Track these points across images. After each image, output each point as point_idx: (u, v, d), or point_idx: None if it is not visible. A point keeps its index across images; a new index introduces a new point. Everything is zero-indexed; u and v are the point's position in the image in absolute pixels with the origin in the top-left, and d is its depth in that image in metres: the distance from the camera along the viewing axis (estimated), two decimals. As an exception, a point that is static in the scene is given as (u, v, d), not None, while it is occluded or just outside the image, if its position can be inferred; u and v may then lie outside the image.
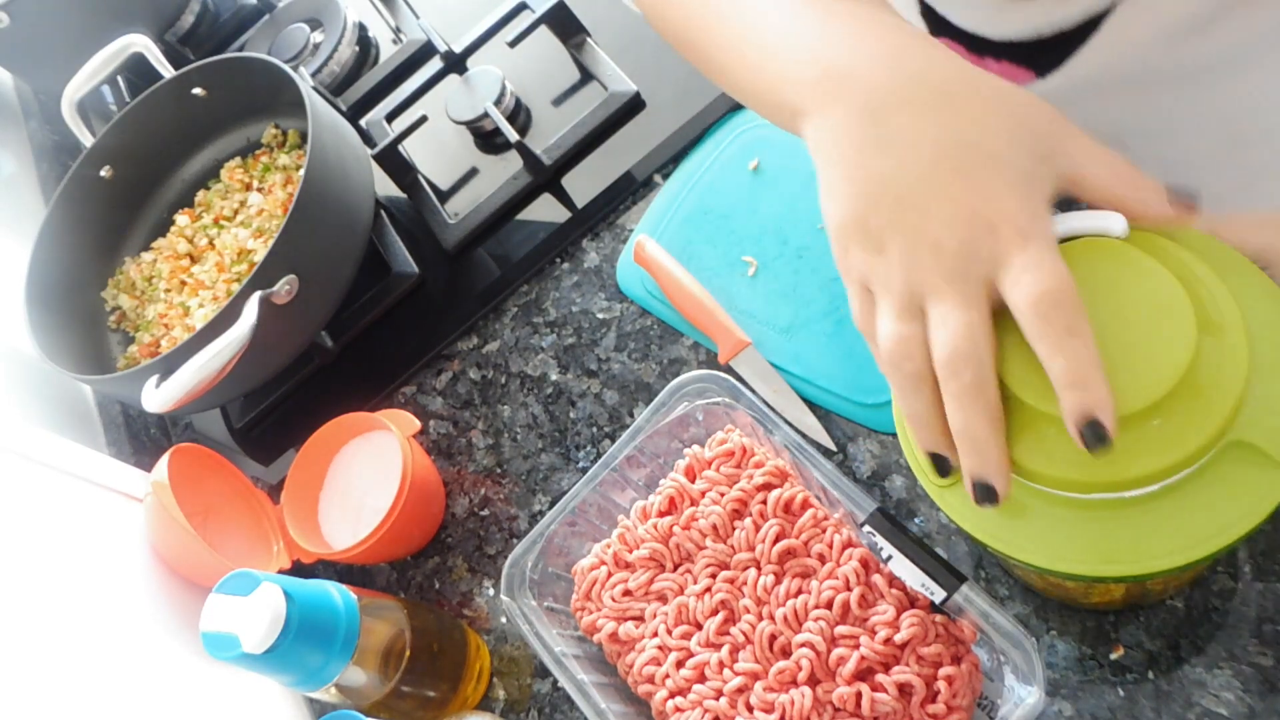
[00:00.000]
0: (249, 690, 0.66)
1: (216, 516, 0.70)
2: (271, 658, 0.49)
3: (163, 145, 0.87)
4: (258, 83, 0.82)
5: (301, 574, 0.57)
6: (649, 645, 0.56)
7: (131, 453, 0.85)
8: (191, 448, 0.71)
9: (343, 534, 0.68)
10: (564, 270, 0.77)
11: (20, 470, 0.67)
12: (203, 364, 0.64)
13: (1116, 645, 0.51)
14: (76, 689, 0.57)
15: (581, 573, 0.59)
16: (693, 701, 0.53)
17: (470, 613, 0.68)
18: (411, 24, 0.95)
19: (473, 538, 0.70)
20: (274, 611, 0.49)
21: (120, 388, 0.71)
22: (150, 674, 0.62)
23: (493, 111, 0.83)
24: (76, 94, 0.86)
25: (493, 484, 0.71)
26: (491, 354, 0.77)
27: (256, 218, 0.82)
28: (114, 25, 0.94)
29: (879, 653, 0.50)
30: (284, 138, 0.87)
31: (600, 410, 0.70)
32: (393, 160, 0.85)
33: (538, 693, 0.63)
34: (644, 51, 0.83)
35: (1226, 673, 0.49)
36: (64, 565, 0.64)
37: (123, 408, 0.88)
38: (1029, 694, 0.46)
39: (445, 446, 0.75)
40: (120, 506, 0.72)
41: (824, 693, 0.51)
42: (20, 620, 0.58)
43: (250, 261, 0.79)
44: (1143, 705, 0.50)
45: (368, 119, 0.91)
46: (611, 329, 0.73)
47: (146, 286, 0.84)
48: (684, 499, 0.58)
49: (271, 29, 1.01)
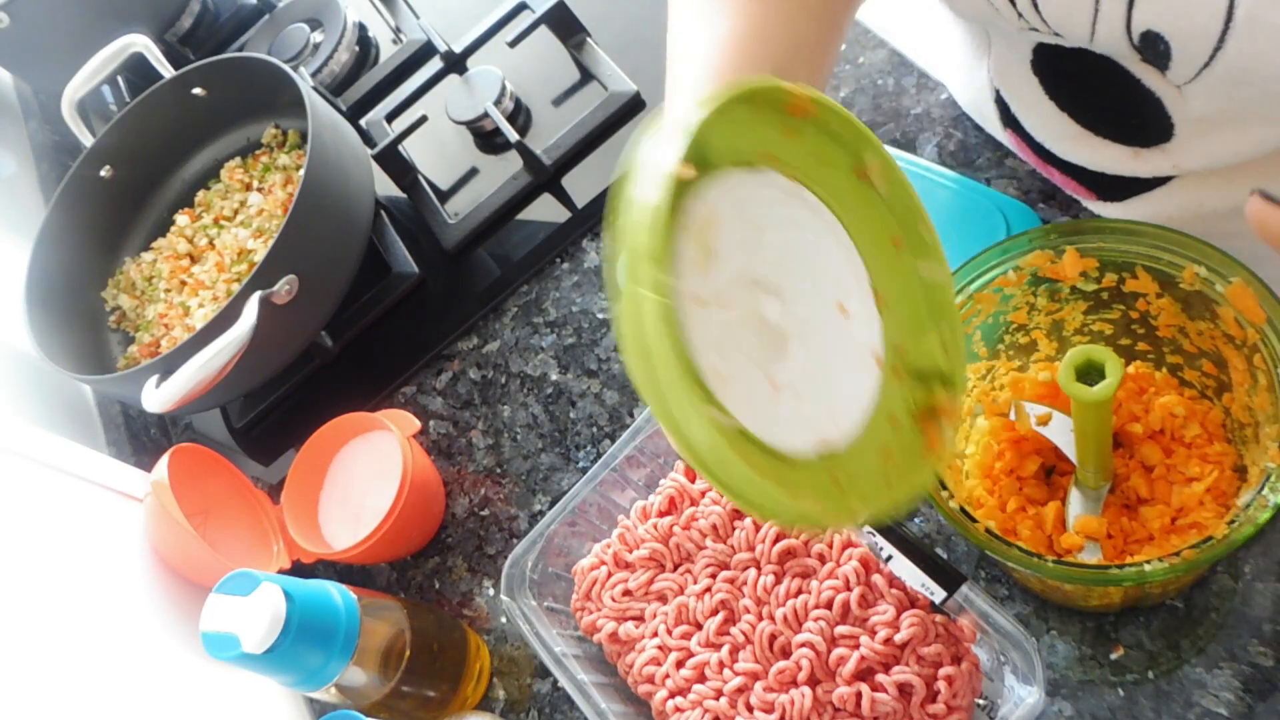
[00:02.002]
0: (249, 690, 0.66)
1: (216, 516, 0.70)
2: (271, 658, 0.49)
3: (163, 145, 0.87)
4: (258, 83, 0.82)
5: (301, 574, 0.57)
6: (649, 645, 0.56)
7: (131, 453, 0.85)
8: (191, 448, 0.71)
9: (343, 534, 0.68)
10: (564, 270, 0.77)
11: (20, 470, 0.67)
12: (203, 364, 0.64)
13: (1116, 645, 0.51)
14: (77, 689, 0.57)
15: (581, 573, 0.59)
16: (693, 701, 0.53)
17: (470, 613, 0.68)
18: (411, 24, 0.95)
19: (473, 538, 0.70)
20: (274, 611, 0.49)
21: (120, 388, 0.71)
22: (150, 674, 0.62)
23: (493, 111, 0.83)
24: (76, 94, 0.86)
25: (493, 484, 0.71)
26: (491, 354, 0.77)
27: (256, 218, 0.82)
28: (114, 25, 0.94)
29: (879, 653, 0.50)
30: (284, 138, 0.87)
31: (600, 410, 0.70)
32: (393, 160, 0.85)
33: (538, 693, 0.63)
34: (644, 51, 0.83)
35: (1226, 673, 0.49)
36: (64, 565, 0.64)
37: (123, 408, 0.88)
38: (1029, 694, 0.46)
39: (445, 446, 0.75)
40: (120, 506, 0.72)
41: (824, 693, 0.51)
42: (20, 620, 0.58)
43: (250, 261, 0.79)
44: (1143, 705, 0.50)
45: (368, 119, 0.91)
46: (611, 329, 0.73)
47: (146, 286, 0.84)
48: (684, 499, 0.58)
49: (271, 29, 1.01)
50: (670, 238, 0.30)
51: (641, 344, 0.29)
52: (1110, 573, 0.41)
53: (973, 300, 0.48)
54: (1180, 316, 0.47)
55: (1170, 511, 0.47)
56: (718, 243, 0.32)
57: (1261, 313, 0.41)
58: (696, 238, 0.31)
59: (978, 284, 0.48)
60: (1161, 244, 0.44)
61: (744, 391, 0.32)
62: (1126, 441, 0.50)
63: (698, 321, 0.31)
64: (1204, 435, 0.48)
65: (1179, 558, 0.39)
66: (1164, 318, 0.47)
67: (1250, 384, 0.44)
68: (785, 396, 0.33)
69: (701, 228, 0.32)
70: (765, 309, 0.33)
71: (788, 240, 0.35)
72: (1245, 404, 0.45)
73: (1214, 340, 0.46)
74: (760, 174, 0.34)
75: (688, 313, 0.30)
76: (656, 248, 0.29)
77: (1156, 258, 0.45)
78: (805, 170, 0.35)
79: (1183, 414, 0.48)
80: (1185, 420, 0.49)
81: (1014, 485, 0.51)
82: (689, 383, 0.29)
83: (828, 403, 0.34)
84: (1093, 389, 0.41)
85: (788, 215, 0.35)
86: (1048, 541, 0.49)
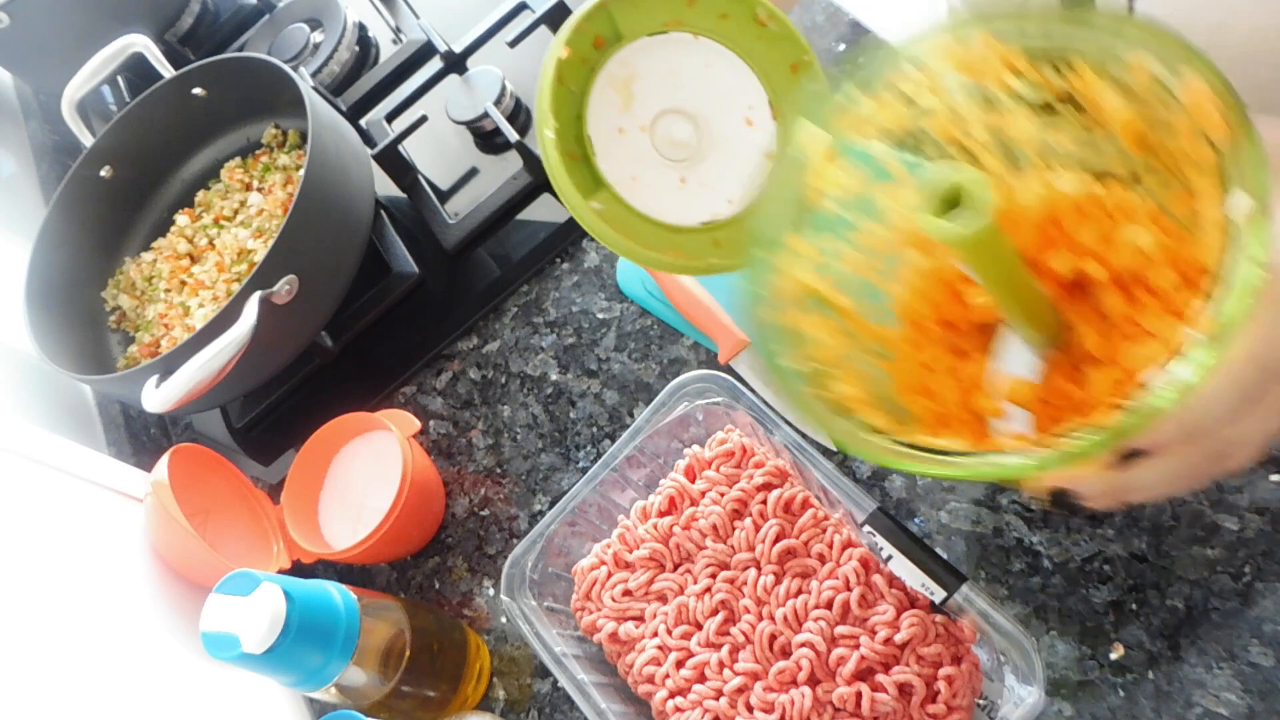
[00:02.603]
0: (249, 690, 0.66)
1: (216, 516, 0.70)
2: (271, 658, 0.49)
3: (163, 145, 0.87)
4: (258, 83, 0.82)
5: (301, 574, 0.57)
6: (649, 645, 0.56)
7: (131, 453, 0.85)
8: (191, 448, 0.71)
9: (343, 534, 0.68)
10: (564, 270, 0.77)
11: (20, 470, 0.67)
12: (203, 364, 0.64)
13: (1116, 645, 0.51)
14: (77, 689, 0.57)
15: (581, 573, 0.59)
16: (693, 701, 0.53)
17: (470, 613, 0.68)
18: (411, 24, 0.95)
19: (473, 538, 0.70)
20: (274, 611, 0.49)
21: (120, 388, 0.71)
22: (150, 674, 0.62)
23: (493, 111, 0.83)
24: (76, 94, 0.86)
25: (493, 484, 0.71)
26: (491, 354, 0.77)
27: (256, 218, 0.82)
28: (114, 25, 0.94)
29: (879, 653, 0.50)
30: (284, 138, 0.87)
31: (600, 410, 0.70)
32: (393, 160, 0.85)
33: (538, 693, 0.63)
34: (644, 51, 0.83)
35: (1226, 673, 0.49)
36: (64, 565, 0.64)
37: (123, 408, 0.88)
38: (1029, 694, 0.46)
39: (445, 446, 0.75)
40: (120, 506, 0.72)
41: (824, 693, 0.51)
42: (20, 620, 0.58)
43: (250, 261, 0.79)
44: (1143, 705, 0.50)
45: (368, 119, 0.91)
46: (611, 329, 0.73)
47: (146, 286, 0.84)
48: (684, 499, 0.58)
49: (271, 29, 1.01)
50: (562, 100, 0.45)
51: (548, 170, 0.44)
52: (956, 462, 0.34)
53: (873, 104, 0.39)
54: (1139, 125, 0.36)
55: (1123, 375, 0.36)
56: (637, 89, 0.47)
57: (1225, 126, 0.32)
58: (619, 89, 0.46)
59: (874, 84, 0.39)
60: (1101, 29, 0.34)
61: (653, 188, 0.47)
62: (1084, 285, 0.39)
63: (616, 146, 0.46)
64: (1179, 281, 0.36)
65: (1045, 451, 0.32)
66: (1122, 128, 0.36)
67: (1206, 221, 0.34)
68: (691, 188, 0.47)
69: (623, 82, 0.46)
70: (677, 130, 0.47)
71: (702, 78, 0.48)
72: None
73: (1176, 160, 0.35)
74: (670, 36, 0.47)
75: (608, 141, 0.46)
76: (543, 108, 0.44)
77: (1096, 44, 0.35)
78: (710, 27, 0.48)
79: (1153, 252, 0.36)
80: (1156, 261, 0.36)
81: (942, 334, 0.42)
82: (571, 189, 0.44)
83: (728, 191, 0.48)
84: (951, 226, 0.32)
85: (700, 61, 0.48)
86: (964, 402, 0.40)
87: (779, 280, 0.40)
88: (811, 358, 0.39)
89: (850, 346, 0.41)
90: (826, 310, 0.40)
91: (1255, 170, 0.31)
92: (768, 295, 0.40)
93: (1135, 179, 0.38)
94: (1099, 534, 0.54)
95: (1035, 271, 0.38)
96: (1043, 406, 0.39)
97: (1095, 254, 0.38)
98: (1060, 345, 0.39)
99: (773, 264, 0.40)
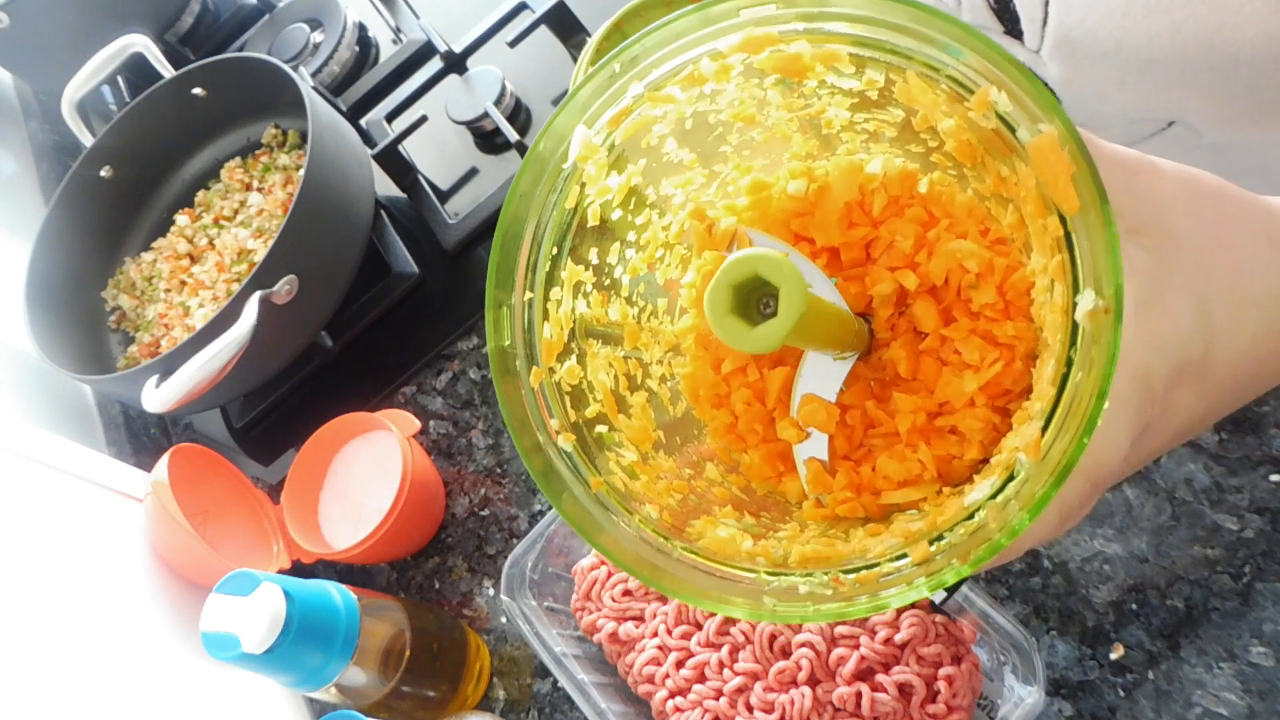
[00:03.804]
0: (249, 690, 0.66)
1: (216, 516, 0.70)
2: (271, 658, 0.49)
3: (163, 145, 0.87)
4: (258, 83, 0.82)
5: (301, 574, 0.57)
6: (649, 645, 0.56)
7: (131, 453, 0.85)
8: (191, 448, 0.71)
9: (343, 534, 0.68)
10: (564, 270, 0.77)
11: (20, 470, 0.67)
12: (203, 364, 0.64)
13: (1116, 645, 0.51)
14: (77, 689, 0.57)
15: (581, 573, 0.59)
16: (693, 701, 0.53)
17: (470, 613, 0.68)
18: (411, 24, 0.95)
19: (473, 538, 0.70)
20: (274, 611, 0.49)
21: (120, 388, 0.71)
22: (150, 674, 0.62)
23: (493, 111, 0.83)
24: (76, 94, 0.86)
25: (493, 484, 0.71)
26: (491, 354, 0.77)
27: (256, 218, 0.82)
28: (114, 25, 0.94)
29: (879, 653, 0.50)
30: (284, 138, 0.87)
31: (600, 410, 0.70)
32: (393, 160, 0.85)
33: (538, 693, 0.63)
34: (644, 51, 0.83)
35: (1226, 673, 0.49)
36: (64, 565, 0.64)
37: (123, 408, 0.88)
38: (1029, 694, 0.46)
39: (445, 446, 0.75)
40: (120, 506, 0.72)
41: (824, 693, 0.51)
42: (20, 620, 0.58)
43: (250, 261, 0.79)
44: (1143, 705, 0.50)
45: (368, 119, 0.91)
46: (611, 329, 0.73)
47: (146, 286, 0.84)
48: (684, 499, 0.58)
49: (271, 29, 1.01)
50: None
51: None
52: (711, 594, 0.28)
53: (646, 101, 0.30)
54: (977, 150, 0.29)
55: (930, 405, 0.32)
56: None
57: (1074, 196, 0.25)
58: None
59: (655, 75, 0.30)
60: (946, 43, 0.26)
61: None
62: (898, 294, 0.34)
63: None
64: (999, 305, 0.31)
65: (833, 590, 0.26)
66: (956, 145, 0.29)
67: (1047, 287, 0.28)
68: None
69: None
70: None
71: None
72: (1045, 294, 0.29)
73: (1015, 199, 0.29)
74: None
75: None
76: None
77: (938, 64, 0.27)
78: None
79: (975, 268, 0.31)
80: (978, 279, 0.31)
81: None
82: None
83: None
84: (754, 332, 0.26)
85: None
86: (768, 421, 0.35)
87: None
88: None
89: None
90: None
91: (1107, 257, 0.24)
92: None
93: (965, 178, 0.32)
94: (1099, 534, 0.54)
95: (838, 268, 0.34)
96: (840, 429, 0.34)
97: (908, 259, 0.33)
98: (867, 359, 0.34)
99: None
